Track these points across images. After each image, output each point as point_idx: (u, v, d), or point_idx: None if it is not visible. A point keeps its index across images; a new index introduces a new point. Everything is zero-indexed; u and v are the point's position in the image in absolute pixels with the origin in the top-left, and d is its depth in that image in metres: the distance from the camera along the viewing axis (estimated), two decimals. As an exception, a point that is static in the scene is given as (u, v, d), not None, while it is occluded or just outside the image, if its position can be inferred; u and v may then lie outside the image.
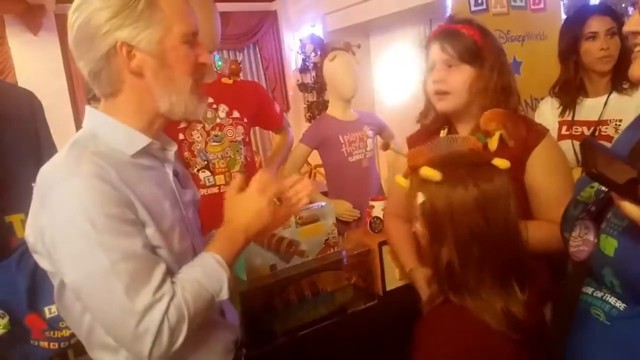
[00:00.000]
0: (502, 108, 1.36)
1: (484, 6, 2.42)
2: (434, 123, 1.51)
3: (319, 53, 2.48)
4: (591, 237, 0.87)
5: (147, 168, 0.98)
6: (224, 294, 0.97)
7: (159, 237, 0.92)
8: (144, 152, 0.97)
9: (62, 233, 0.85)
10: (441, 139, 1.13)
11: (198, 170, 1.96)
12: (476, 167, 0.96)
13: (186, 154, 1.94)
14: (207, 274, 0.94)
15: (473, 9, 2.44)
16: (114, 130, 0.95)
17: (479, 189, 0.93)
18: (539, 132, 1.35)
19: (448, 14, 4.28)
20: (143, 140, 0.96)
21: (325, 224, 1.72)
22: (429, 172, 0.96)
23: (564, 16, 2.52)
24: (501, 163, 0.98)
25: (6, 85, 1.67)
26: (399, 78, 5.70)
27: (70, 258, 0.85)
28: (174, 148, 1.06)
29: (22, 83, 3.72)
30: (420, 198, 0.98)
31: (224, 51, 6.09)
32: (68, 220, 0.84)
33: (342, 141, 2.41)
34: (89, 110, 0.98)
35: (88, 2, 0.89)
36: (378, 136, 2.68)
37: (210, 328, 1.05)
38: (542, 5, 2.49)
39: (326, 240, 1.72)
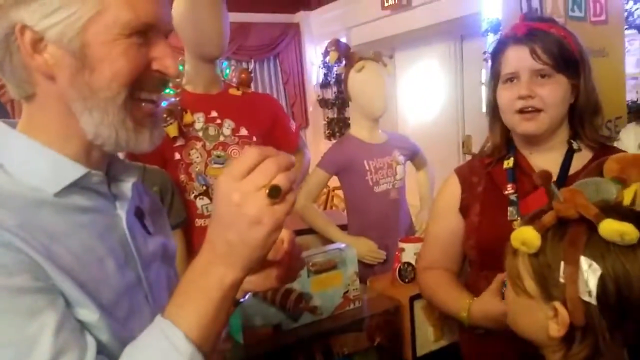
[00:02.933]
0: (588, 129, 1.14)
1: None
2: (495, 151, 1.20)
3: (343, 62, 2.10)
4: None
5: (82, 211, 0.66)
6: None
7: (92, 317, 0.61)
8: (78, 187, 0.66)
9: None
10: (589, 181, 0.78)
11: (195, 197, 1.66)
12: None
13: (182, 177, 1.64)
14: None
15: (523, 19, 2.11)
16: (33, 158, 0.64)
17: None
18: None
19: (483, 29, 4.01)
20: (73, 172, 0.65)
21: (344, 272, 1.41)
22: (624, 228, 0.63)
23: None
24: None
25: None
26: (425, 96, 5.43)
27: None
28: (131, 179, 0.74)
29: None
30: (591, 269, 0.65)
31: (243, 62, 5.87)
32: None
33: (367, 167, 2.05)
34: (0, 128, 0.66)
35: None
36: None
37: None
38: (603, 17, 2.15)
39: (345, 292, 1.41)
